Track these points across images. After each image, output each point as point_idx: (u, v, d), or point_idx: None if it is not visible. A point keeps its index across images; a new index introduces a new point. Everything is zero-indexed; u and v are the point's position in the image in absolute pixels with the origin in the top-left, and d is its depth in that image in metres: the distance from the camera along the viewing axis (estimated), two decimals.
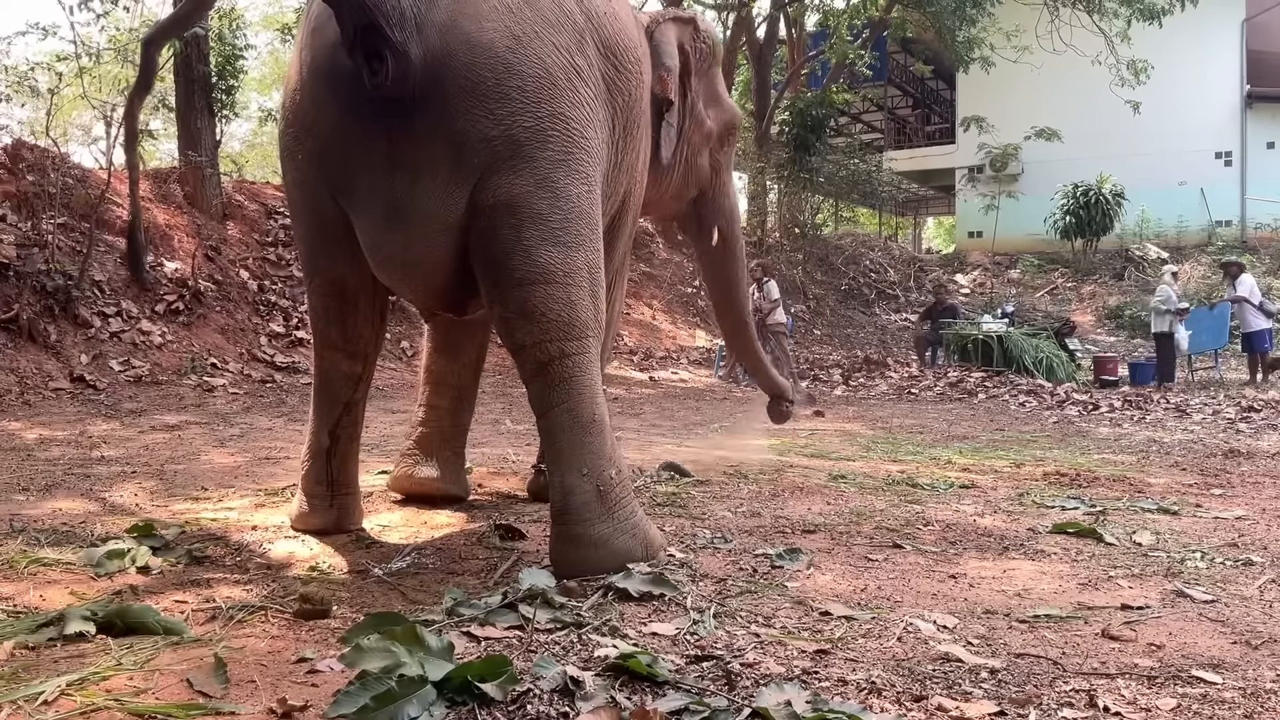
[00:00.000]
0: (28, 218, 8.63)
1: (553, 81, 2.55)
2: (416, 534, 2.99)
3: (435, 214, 2.53)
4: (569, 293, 2.55)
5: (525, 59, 2.51)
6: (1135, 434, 6.53)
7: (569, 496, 2.51)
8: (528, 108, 2.51)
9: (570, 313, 2.55)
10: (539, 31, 2.55)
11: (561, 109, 2.56)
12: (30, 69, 10.31)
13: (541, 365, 2.55)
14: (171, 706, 1.57)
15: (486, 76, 2.46)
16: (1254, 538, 3.09)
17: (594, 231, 2.66)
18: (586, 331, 2.58)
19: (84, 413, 6.54)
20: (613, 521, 2.52)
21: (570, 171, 2.58)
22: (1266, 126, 20.38)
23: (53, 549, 2.66)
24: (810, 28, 19.90)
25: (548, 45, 2.56)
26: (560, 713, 1.57)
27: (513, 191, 2.51)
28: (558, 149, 2.55)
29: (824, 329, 16.29)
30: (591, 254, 2.63)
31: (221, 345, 8.95)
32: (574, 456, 2.54)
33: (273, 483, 3.90)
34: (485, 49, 2.47)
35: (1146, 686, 1.75)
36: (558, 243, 2.54)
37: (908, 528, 3.16)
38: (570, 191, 2.58)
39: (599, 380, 2.64)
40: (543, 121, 2.53)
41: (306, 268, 2.96)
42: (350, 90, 2.47)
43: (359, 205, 2.61)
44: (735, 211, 4.16)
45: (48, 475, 4.05)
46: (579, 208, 2.60)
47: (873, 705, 1.63)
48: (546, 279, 2.53)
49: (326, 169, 2.65)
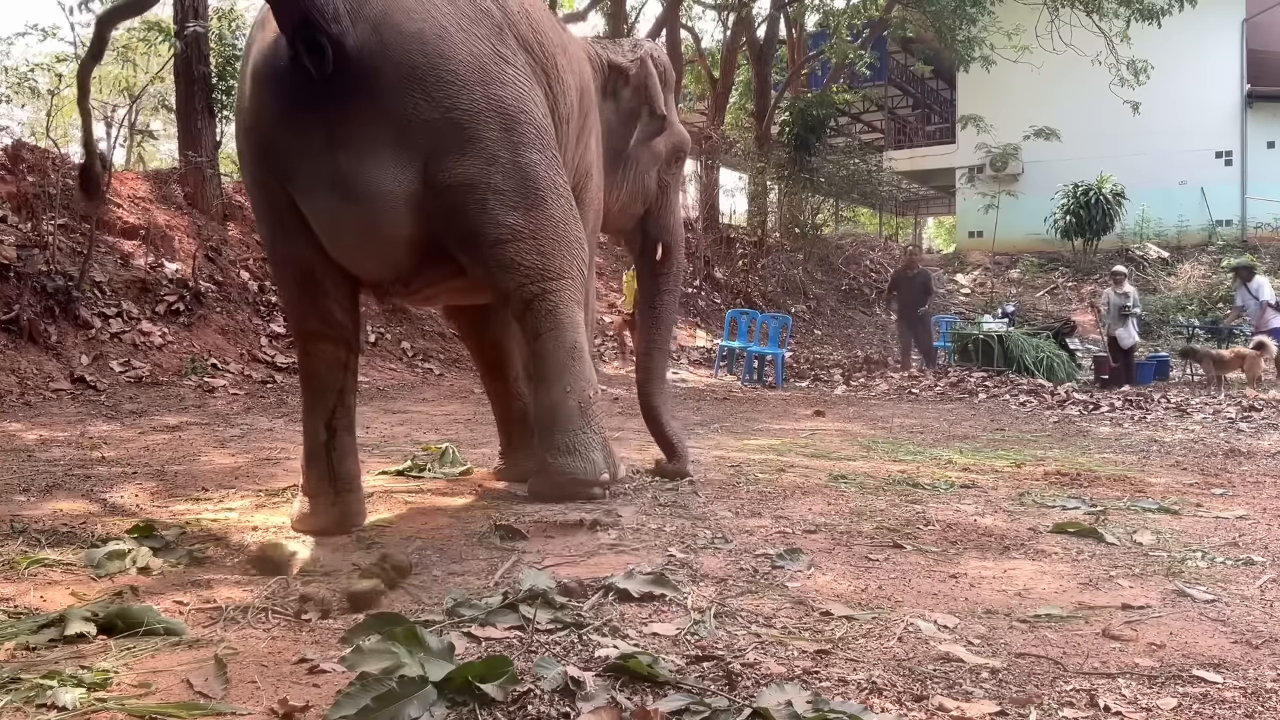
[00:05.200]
0: (28, 219, 8.62)
1: (482, 66, 2.84)
2: (417, 534, 2.98)
3: (382, 191, 2.76)
4: (538, 244, 2.93)
5: (455, 46, 2.80)
6: (1136, 433, 6.53)
7: (556, 409, 2.95)
8: (463, 90, 2.79)
9: (543, 260, 2.94)
10: (461, 24, 2.84)
11: (494, 90, 2.85)
12: (30, 70, 10.32)
13: (526, 303, 2.96)
14: (171, 706, 1.57)
15: (421, 62, 2.73)
16: (1255, 537, 3.09)
17: (554, 191, 2.98)
18: (562, 274, 2.95)
19: (84, 413, 6.54)
20: (590, 432, 2.97)
21: (515, 145, 2.89)
22: (1266, 126, 20.37)
23: (53, 550, 2.66)
24: (810, 28, 19.91)
25: (472, 35, 2.86)
26: (561, 713, 1.57)
27: (468, 172, 2.82)
28: (498, 126, 2.86)
29: (824, 329, 16.29)
30: (555, 209, 2.97)
31: (222, 346, 8.95)
32: (559, 377, 2.95)
33: (273, 483, 3.90)
34: (417, 38, 2.74)
35: (1147, 686, 1.75)
36: (518, 207, 2.90)
37: (908, 528, 3.16)
38: (520, 160, 2.90)
39: (580, 317, 2.99)
40: (478, 103, 2.82)
41: (273, 261, 3.13)
42: (290, 82, 2.67)
43: (305, 189, 2.79)
44: (679, 230, 4.35)
45: (48, 476, 4.05)
46: (533, 173, 2.92)
47: (873, 705, 1.63)
48: (516, 237, 2.90)
49: (274, 159, 2.82)
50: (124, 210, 9.66)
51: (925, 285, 12.65)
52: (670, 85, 4.20)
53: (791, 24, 19.15)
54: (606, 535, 2.92)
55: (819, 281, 17.59)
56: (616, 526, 3.05)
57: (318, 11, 2.53)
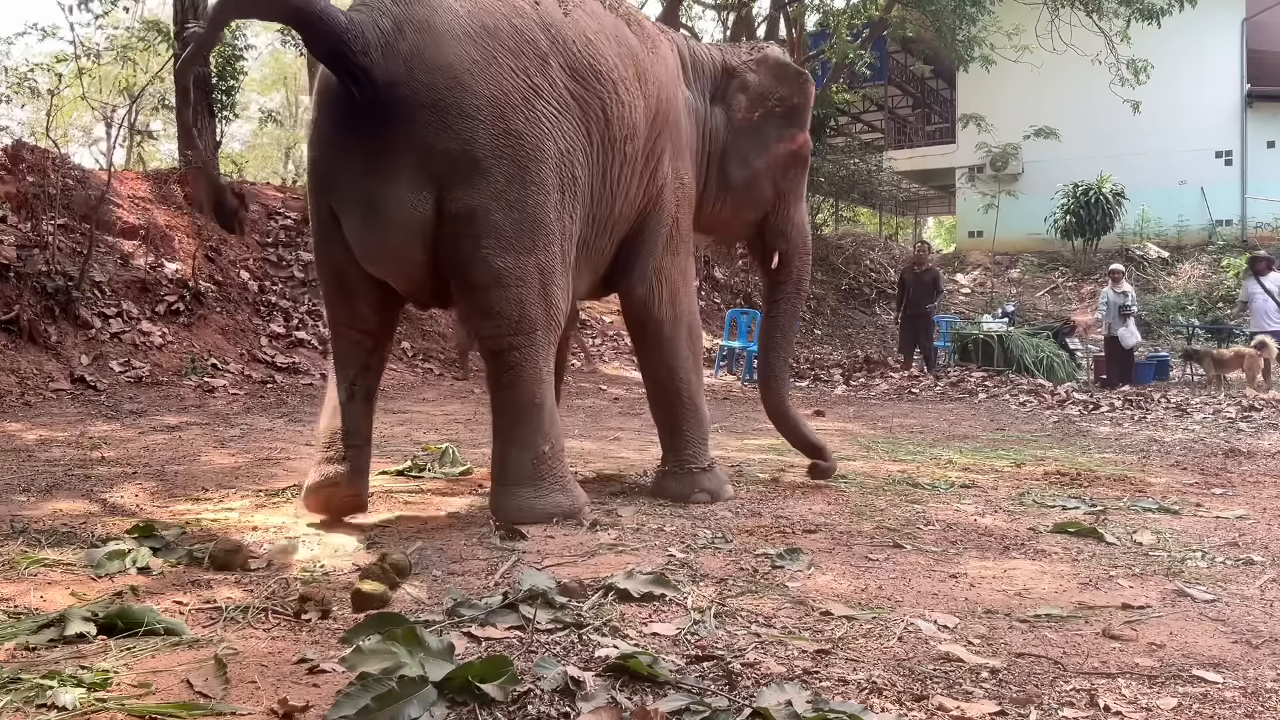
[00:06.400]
0: (28, 219, 8.62)
1: (508, 101, 2.94)
2: (417, 534, 2.98)
3: (403, 214, 2.92)
4: (520, 293, 3.00)
5: (482, 80, 2.91)
6: (1136, 433, 6.53)
7: (506, 465, 3.08)
8: (484, 125, 2.91)
9: (520, 311, 3.00)
10: (497, 56, 2.95)
11: (516, 127, 2.95)
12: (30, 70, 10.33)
13: (495, 354, 3.06)
14: (171, 706, 1.57)
15: (445, 95, 2.87)
16: (1255, 537, 3.09)
17: (546, 236, 3.05)
18: (534, 327, 3.03)
19: (84, 413, 6.54)
20: (540, 488, 3.05)
21: (525, 184, 2.97)
22: (1266, 126, 20.35)
23: (53, 550, 2.66)
24: (810, 28, 19.88)
25: (505, 69, 2.95)
26: (561, 713, 1.57)
27: (472, 203, 2.93)
28: (512, 163, 2.95)
29: (824, 329, 16.29)
30: (543, 256, 3.03)
31: (222, 346, 8.95)
32: (512, 432, 3.06)
33: (273, 483, 3.89)
34: (445, 71, 2.88)
35: (1147, 686, 1.75)
36: (510, 250, 2.97)
37: (908, 527, 3.16)
38: (525, 202, 2.98)
39: (544, 367, 3.08)
40: (498, 139, 2.93)
41: (315, 257, 3.35)
42: (336, 104, 2.94)
43: (341, 204, 3.02)
44: (798, 239, 4.21)
45: (48, 476, 4.05)
46: (532, 217, 3.00)
47: (873, 705, 1.63)
48: (500, 283, 2.98)
49: (320, 173, 3.08)
50: (124, 210, 9.66)
51: (934, 282, 12.22)
52: (797, 89, 4.09)
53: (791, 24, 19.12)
54: (606, 535, 2.93)
55: (819, 281, 17.58)
56: (616, 526, 3.05)
57: (346, 46, 2.75)
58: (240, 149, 23.26)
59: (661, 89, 3.57)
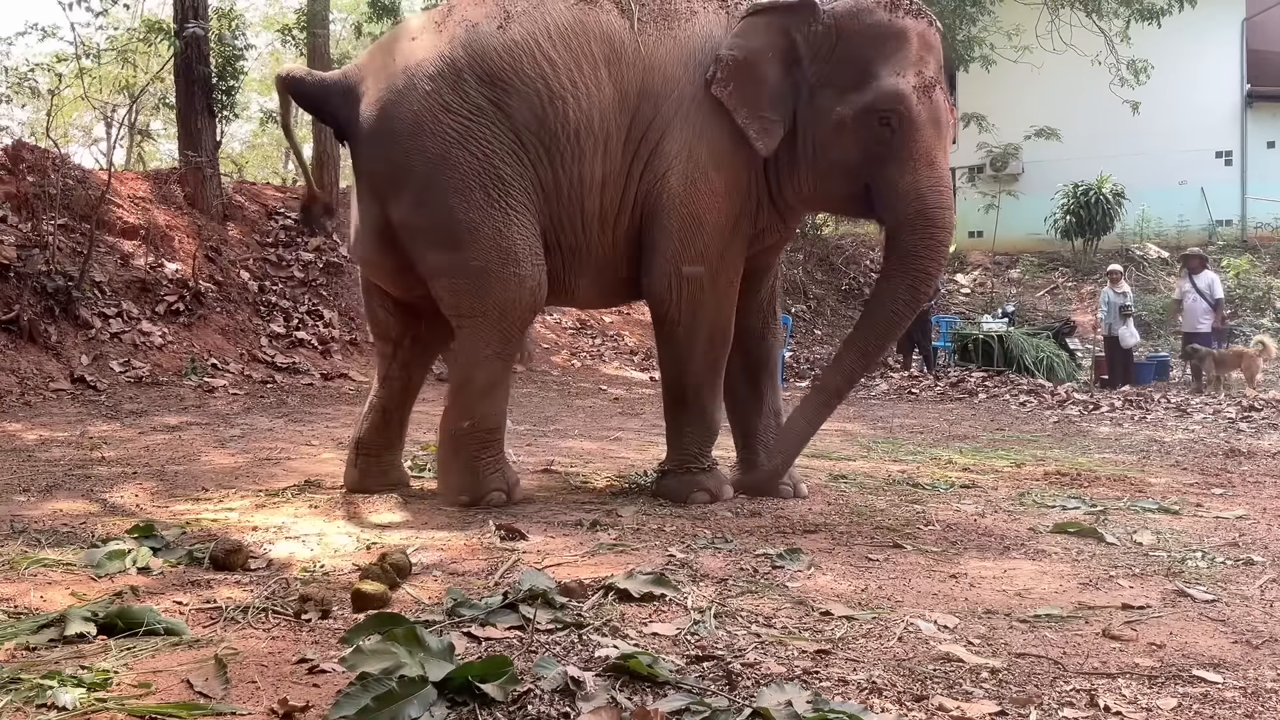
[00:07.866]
0: (28, 219, 8.62)
1: (418, 122, 3.30)
2: (417, 534, 2.98)
3: (366, 225, 3.53)
4: (453, 283, 3.36)
5: (399, 105, 3.34)
6: (1136, 434, 6.52)
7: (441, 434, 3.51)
8: (397, 144, 3.33)
9: (455, 299, 3.39)
10: (415, 82, 3.33)
11: (423, 144, 3.29)
12: (30, 70, 10.32)
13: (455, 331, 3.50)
14: (171, 706, 1.57)
15: (372, 124, 3.39)
16: (1255, 537, 3.09)
17: (473, 233, 3.30)
18: (472, 313, 3.35)
19: (84, 413, 6.54)
20: (456, 462, 3.44)
21: (438, 190, 3.30)
22: (1266, 126, 20.34)
23: (53, 550, 2.66)
24: None
25: (419, 93, 3.32)
26: (561, 713, 1.57)
27: (401, 214, 3.38)
28: (422, 175, 3.31)
29: (824, 329, 16.28)
30: (471, 251, 3.29)
31: (222, 346, 8.95)
32: (450, 407, 3.45)
33: (273, 483, 3.89)
34: (374, 103, 3.39)
35: (1147, 686, 1.75)
36: (438, 247, 3.34)
37: (908, 528, 3.16)
38: (442, 206, 3.31)
39: (482, 350, 3.37)
40: (410, 156, 3.31)
41: None
42: None
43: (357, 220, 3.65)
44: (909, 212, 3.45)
45: (48, 476, 4.05)
46: (451, 217, 3.30)
47: (873, 705, 1.63)
48: (435, 274, 3.38)
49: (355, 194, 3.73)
50: (124, 210, 9.66)
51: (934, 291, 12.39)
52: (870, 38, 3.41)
53: None
54: (606, 535, 2.93)
55: (819, 281, 17.59)
56: (616, 526, 3.05)
57: (309, 102, 3.63)
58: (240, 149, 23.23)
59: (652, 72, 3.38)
